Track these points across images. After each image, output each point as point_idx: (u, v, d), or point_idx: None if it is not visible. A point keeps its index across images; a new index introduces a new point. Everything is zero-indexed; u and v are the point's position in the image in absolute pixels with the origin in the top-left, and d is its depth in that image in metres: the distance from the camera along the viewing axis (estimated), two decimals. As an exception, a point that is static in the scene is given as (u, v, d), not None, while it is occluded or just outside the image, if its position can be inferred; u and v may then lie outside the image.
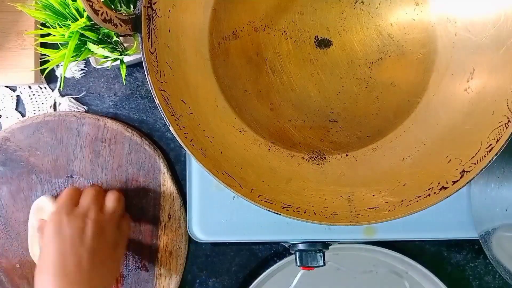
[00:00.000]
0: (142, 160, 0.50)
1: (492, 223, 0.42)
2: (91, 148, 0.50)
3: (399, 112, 0.42)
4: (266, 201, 0.36)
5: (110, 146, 0.50)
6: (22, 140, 0.50)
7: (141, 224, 0.50)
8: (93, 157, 0.50)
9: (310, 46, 0.43)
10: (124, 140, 0.50)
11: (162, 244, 0.49)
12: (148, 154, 0.50)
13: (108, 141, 0.50)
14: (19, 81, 0.51)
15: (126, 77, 0.52)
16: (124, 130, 0.50)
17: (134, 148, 0.50)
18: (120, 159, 0.50)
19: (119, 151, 0.50)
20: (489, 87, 0.37)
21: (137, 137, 0.50)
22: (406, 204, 0.36)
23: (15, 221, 0.50)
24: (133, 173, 0.50)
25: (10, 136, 0.50)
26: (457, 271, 0.52)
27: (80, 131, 0.50)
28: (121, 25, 0.32)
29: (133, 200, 0.50)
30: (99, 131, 0.50)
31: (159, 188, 0.50)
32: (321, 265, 0.44)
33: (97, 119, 0.50)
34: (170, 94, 0.36)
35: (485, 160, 0.35)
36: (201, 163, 0.35)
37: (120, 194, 0.47)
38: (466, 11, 0.40)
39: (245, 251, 0.52)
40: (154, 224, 0.50)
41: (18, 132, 0.50)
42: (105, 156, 0.50)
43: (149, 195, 0.50)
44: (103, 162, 0.50)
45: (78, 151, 0.50)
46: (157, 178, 0.50)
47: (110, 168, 0.50)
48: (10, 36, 0.51)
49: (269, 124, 0.43)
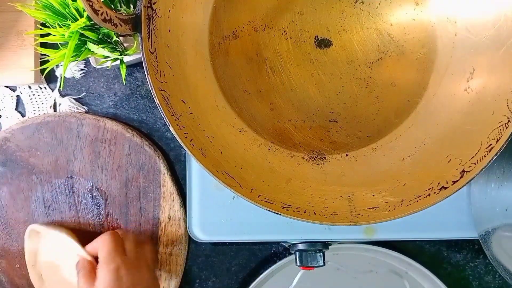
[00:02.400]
0: (142, 161, 0.50)
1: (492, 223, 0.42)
2: (91, 149, 0.50)
3: (399, 112, 0.42)
4: (266, 201, 0.36)
5: (110, 147, 0.50)
6: (22, 141, 0.50)
7: (140, 225, 0.50)
8: (93, 157, 0.50)
9: (310, 46, 0.43)
10: (124, 141, 0.50)
11: (162, 244, 0.49)
12: (148, 155, 0.50)
13: (108, 141, 0.50)
14: (19, 81, 0.51)
15: (126, 77, 0.52)
16: (124, 131, 0.50)
17: (134, 149, 0.50)
18: (120, 159, 0.50)
19: (119, 152, 0.50)
20: (489, 87, 0.37)
21: (137, 137, 0.50)
22: (406, 204, 0.36)
23: (15, 222, 0.50)
24: (133, 174, 0.50)
25: (10, 137, 0.50)
26: (457, 271, 0.52)
27: (80, 131, 0.50)
28: (121, 25, 0.32)
29: (133, 201, 0.50)
30: (99, 131, 0.50)
31: (159, 189, 0.50)
32: (321, 265, 0.44)
33: (97, 120, 0.50)
34: (170, 94, 0.36)
35: (485, 160, 0.35)
36: (201, 163, 0.35)
37: (130, 232, 0.47)
38: (466, 11, 0.40)
39: (245, 251, 0.52)
40: (154, 225, 0.50)
41: (18, 133, 0.50)
42: (105, 157, 0.50)
43: (149, 196, 0.50)
44: (103, 162, 0.50)
45: (78, 152, 0.50)
46: (157, 179, 0.50)
47: (110, 169, 0.50)
48: (10, 36, 0.51)
49: (269, 124, 0.43)
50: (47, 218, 0.50)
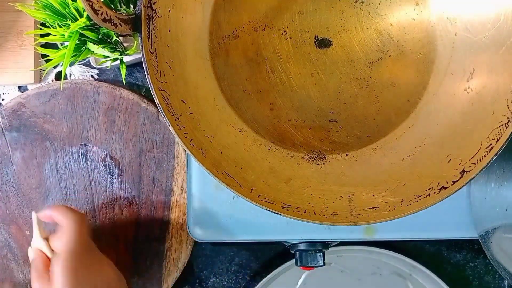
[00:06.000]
0: (157, 131, 0.50)
1: (492, 223, 0.42)
2: (106, 117, 0.50)
3: (399, 112, 0.42)
4: (266, 201, 0.36)
5: (125, 116, 0.50)
6: (37, 107, 0.50)
7: (153, 195, 0.50)
8: (108, 126, 0.50)
9: (310, 46, 0.43)
10: (139, 111, 0.50)
11: (174, 216, 0.49)
12: (163, 126, 0.50)
13: (123, 110, 0.50)
14: (19, 81, 0.51)
15: (126, 77, 0.52)
16: (140, 100, 0.50)
17: (149, 119, 0.50)
18: (135, 129, 0.50)
19: (134, 121, 0.50)
20: (489, 87, 0.37)
21: (153, 108, 0.50)
22: (406, 204, 0.36)
23: (27, 187, 0.50)
24: (147, 144, 0.50)
25: (25, 102, 0.50)
26: (457, 271, 0.52)
27: (96, 99, 0.50)
28: (121, 25, 0.32)
29: (146, 171, 0.50)
30: (115, 100, 0.50)
31: (172, 160, 0.50)
32: (321, 265, 0.44)
33: (114, 88, 0.50)
34: (170, 94, 0.36)
35: (485, 160, 0.35)
36: (201, 163, 0.35)
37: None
38: (466, 11, 0.40)
39: (245, 251, 0.52)
40: (166, 196, 0.50)
41: (33, 98, 0.50)
42: (120, 126, 0.50)
43: (162, 167, 0.50)
44: (117, 131, 0.50)
45: (93, 120, 0.50)
46: (171, 150, 0.50)
47: (124, 138, 0.50)
48: (10, 36, 0.51)
49: (269, 124, 0.43)
50: (59, 186, 0.50)
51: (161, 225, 0.49)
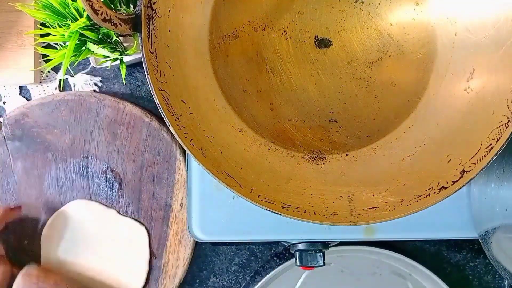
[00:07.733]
0: (159, 146, 0.50)
1: (492, 223, 0.42)
2: (109, 131, 0.50)
3: (399, 112, 0.42)
4: (266, 201, 0.36)
5: (128, 130, 0.50)
6: (40, 117, 0.50)
7: (152, 210, 0.50)
8: (110, 139, 0.50)
9: (310, 46, 0.43)
10: (142, 125, 0.50)
11: (172, 232, 0.49)
12: (165, 141, 0.50)
13: (126, 124, 0.50)
14: (19, 81, 0.51)
15: (126, 77, 0.52)
16: (143, 115, 0.50)
17: (152, 134, 0.50)
18: (137, 143, 0.50)
19: (136, 136, 0.50)
20: (489, 87, 0.37)
21: (156, 123, 0.50)
22: (406, 204, 0.36)
23: (27, 198, 0.50)
24: (149, 159, 0.50)
25: (28, 112, 0.50)
26: (457, 271, 0.52)
27: (100, 112, 0.50)
28: (121, 25, 0.32)
29: (147, 186, 0.50)
30: (118, 114, 0.50)
31: (173, 176, 0.50)
32: (321, 264, 0.44)
33: (117, 102, 0.50)
34: (170, 94, 0.36)
35: (485, 160, 0.35)
36: (201, 163, 0.35)
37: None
38: (466, 11, 0.40)
39: (245, 251, 0.52)
40: (165, 211, 0.50)
41: (37, 109, 0.50)
42: (122, 140, 0.50)
43: (163, 182, 0.50)
44: (119, 145, 0.50)
45: (96, 133, 0.50)
46: (173, 165, 0.50)
47: (126, 152, 0.50)
48: (10, 36, 0.51)
49: (269, 124, 0.43)
50: (59, 197, 0.50)
51: (159, 240, 0.50)
